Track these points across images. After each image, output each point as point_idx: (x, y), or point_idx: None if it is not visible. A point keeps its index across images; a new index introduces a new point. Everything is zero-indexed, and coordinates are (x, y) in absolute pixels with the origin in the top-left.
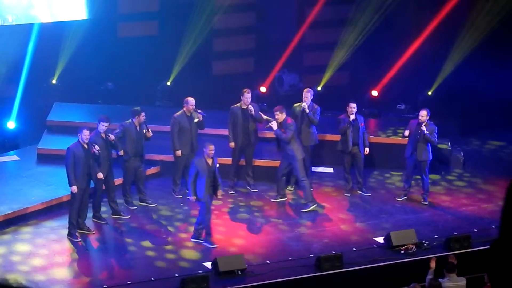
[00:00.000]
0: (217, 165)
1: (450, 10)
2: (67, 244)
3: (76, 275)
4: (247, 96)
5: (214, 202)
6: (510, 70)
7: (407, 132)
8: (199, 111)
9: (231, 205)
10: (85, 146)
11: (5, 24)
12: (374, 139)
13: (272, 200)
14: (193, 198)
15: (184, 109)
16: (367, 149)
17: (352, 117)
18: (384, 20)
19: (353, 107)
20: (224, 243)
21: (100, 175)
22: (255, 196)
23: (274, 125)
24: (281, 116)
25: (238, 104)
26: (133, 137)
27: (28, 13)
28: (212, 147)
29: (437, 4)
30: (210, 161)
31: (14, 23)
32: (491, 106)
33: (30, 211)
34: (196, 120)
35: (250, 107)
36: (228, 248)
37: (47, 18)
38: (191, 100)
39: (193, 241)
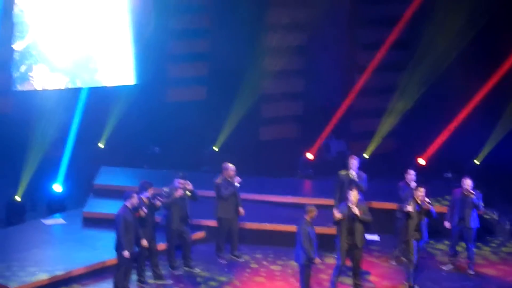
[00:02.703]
0: None
1: (499, 78)
2: None
3: None
4: (354, 196)
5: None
6: None
7: (410, 208)
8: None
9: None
10: (132, 210)
11: (72, 87)
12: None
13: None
14: (317, 260)
15: (224, 174)
16: None
17: (413, 184)
18: (433, 87)
19: (412, 174)
20: None
21: (145, 243)
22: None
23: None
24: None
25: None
26: (176, 201)
27: (93, 78)
28: (316, 210)
29: (486, 71)
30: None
31: (82, 87)
32: None
33: (74, 275)
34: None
35: (354, 208)
36: None
37: (110, 83)
38: (231, 166)
39: None
